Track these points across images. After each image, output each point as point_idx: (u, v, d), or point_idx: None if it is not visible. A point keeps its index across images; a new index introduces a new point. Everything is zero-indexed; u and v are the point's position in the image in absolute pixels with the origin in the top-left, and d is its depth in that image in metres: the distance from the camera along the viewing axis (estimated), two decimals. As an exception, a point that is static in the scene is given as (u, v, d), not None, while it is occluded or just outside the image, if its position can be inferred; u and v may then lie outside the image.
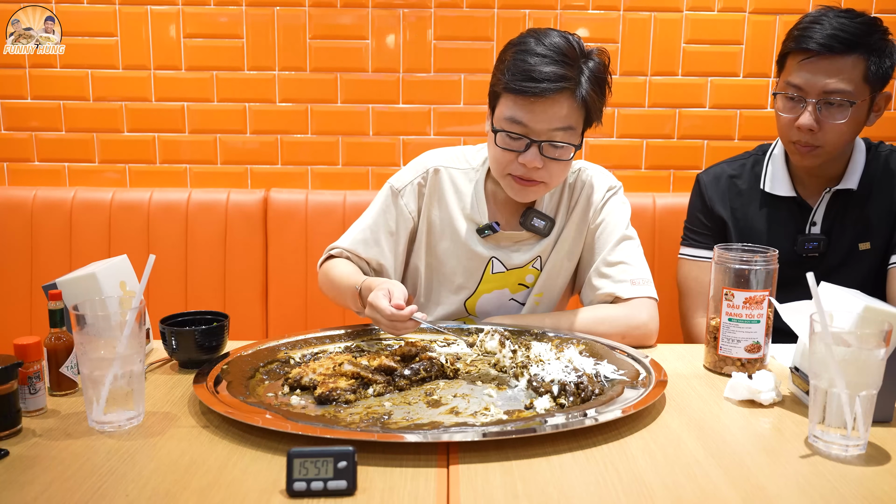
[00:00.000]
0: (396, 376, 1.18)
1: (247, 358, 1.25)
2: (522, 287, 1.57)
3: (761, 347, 1.26)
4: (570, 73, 1.33)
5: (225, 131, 2.31)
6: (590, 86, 1.35)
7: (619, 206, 1.56)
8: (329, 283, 1.52)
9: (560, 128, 1.35)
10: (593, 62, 1.37)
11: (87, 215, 2.16)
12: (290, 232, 2.17)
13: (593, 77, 1.36)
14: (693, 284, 1.76)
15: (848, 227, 1.66)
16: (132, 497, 0.85)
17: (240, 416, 1.00)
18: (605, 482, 0.89)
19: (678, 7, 2.25)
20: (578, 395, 1.10)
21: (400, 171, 1.60)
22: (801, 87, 1.54)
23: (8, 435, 1.00)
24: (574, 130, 1.38)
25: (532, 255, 1.54)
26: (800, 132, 1.56)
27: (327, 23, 2.25)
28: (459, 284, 1.55)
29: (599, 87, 1.37)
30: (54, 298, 1.14)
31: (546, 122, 1.35)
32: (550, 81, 1.31)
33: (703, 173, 1.81)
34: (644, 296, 1.47)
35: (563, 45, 1.34)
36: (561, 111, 1.34)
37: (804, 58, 1.53)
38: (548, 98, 1.32)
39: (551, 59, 1.32)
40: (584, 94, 1.34)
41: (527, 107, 1.34)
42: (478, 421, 1.04)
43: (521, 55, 1.35)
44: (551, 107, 1.34)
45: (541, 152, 1.37)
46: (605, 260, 1.51)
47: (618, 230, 1.52)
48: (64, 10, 2.22)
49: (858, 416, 0.95)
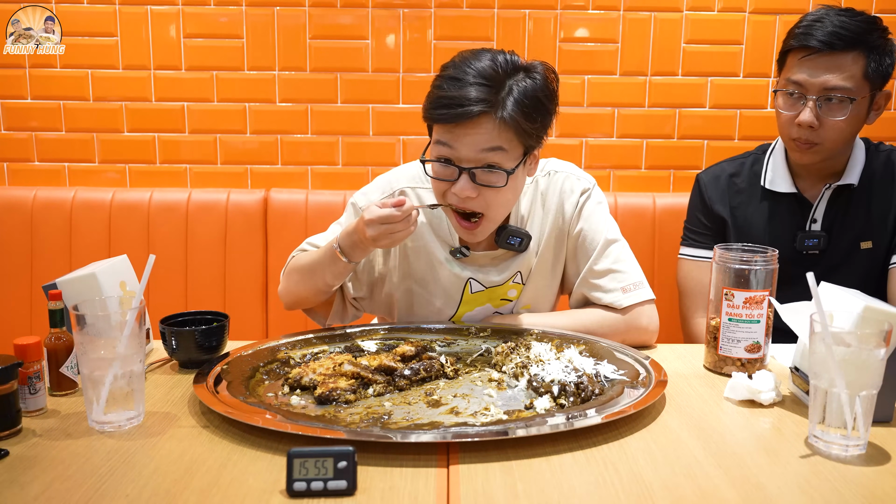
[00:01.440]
0: (396, 376, 1.18)
1: (247, 358, 1.25)
2: (505, 301, 1.51)
3: (761, 347, 1.26)
4: (487, 95, 1.25)
5: (225, 131, 2.31)
6: (515, 106, 1.26)
7: (596, 209, 1.49)
8: (297, 273, 1.46)
9: (486, 149, 1.28)
10: (526, 80, 1.29)
11: (87, 215, 2.16)
12: (290, 232, 2.17)
13: (521, 96, 1.27)
14: (693, 285, 1.76)
15: (849, 225, 1.66)
16: (132, 497, 0.85)
17: (240, 416, 1.00)
18: (605, 482, 0.89)
19: (678, 7, 2.25)
20: (578, 396, 1.10)
21: (364, 189, 1.53)
22: (801, 84, 1.54)
23: (8, 435, 1.00)
24: (505, 151, 1.29)
25: (511, 272, 1.48)
26: (800, 129, 1.56)
27: (327, 23, 2.25)
28: (440, 307, 1.50)
29: (530, 106, 1.28)
30: (54, 298, 1.14)
31: (470, 146, 1.28)
32: (462, 106, 1.25)
33: (702, 173, 1.81)
34: (638, 301, 1.44)
35: (486, 66, 1.27)
36: (483, 135, 1.27)
37: (805, 55, 1.53)
38: (468, 122, 1.26)
39: (467, 83, 1.26)
40: (508, 115, 1.26)
41: (449, 133, 1.29)
42: (478, 421, 1.04)
43: (438, 82, 1.31)
44: (473, 129, 1.27)
45: (473, 180, 1.30)
46: (592, 270, 1.46)
47: (599, 235, 1.47)
48: (64, 10, 2.22)
49: (858, 416, 0.95)
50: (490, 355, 1.31)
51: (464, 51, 1.34)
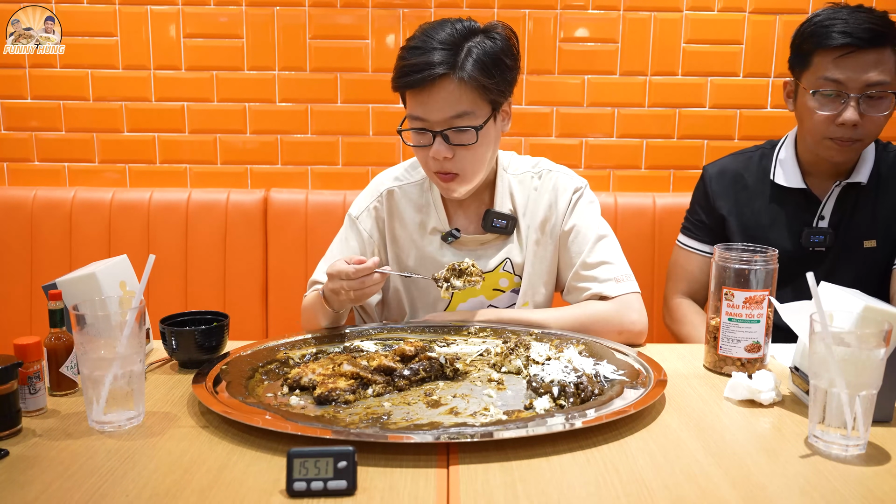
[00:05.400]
0: (396, 376, 1.18)
1: (246, 358, 1.25)
2: (498, 292, 1.56)
3: (761, 347, 1.26)
4: (445, 58, 1.34)
5: (225, 131, 2.31)
6: (475, 65, 1.34)
7: (588, 207, 1.55)
8: (304, 315, 1.54)
9: (454, 115, 1.37)
10: (483, 41, 1.37)
11: (87, 215, 2.16)
12: (290, 232, 2.17)
13: (480, 54, 1.35)
14: (679, 271, 1.83)
15: (855, 224, 1.67)
16: (132, 497, 0.85)
17: (239, 416, 1.00)
18: (605, 482, 0.89)
19: (678, 7, 2.25)
20: (578, 396, 1.09)
21: (357, 198, 1.61)
22: (841, 82, 1.53)
23: (8, 435, 1.00)
24: (472, 114, 1.37)
25: (500, 258, 1.54)
26: (842, 128, 1.55)
27: (327, 23, 2.25)
28: (435, 297, 1.55)
29: (490, 64, 1.36)
30: (54, 298, 1.14)
31: (438, 111, 1.36)
32: (421, 71, 1.33)
33: (709, 166, 1.83)
34: (630, 291, 1.48)
35: (442, 32, 1.36)
36: (448, 97, 1.35)
37: (843, 53, 1.52)
38: (432, 86, 1.34)
39: (424, 50, 1.35)
40: (468, 75, 1.34)
41: (417, 100, 1.38)
42: (477, 421, 1.04)
43: (402, 52, 1.39)
44: (437, 93, 1.35)
45: (447, 141, 1.38)
46: (585, 262, 1.51)
47: (591, 231, 1.52)
48: (64, 10, 2.22)
49: (858, 416, 0.95)
50: (489, 355, 1.31)
51: (425, 22, 1.44)
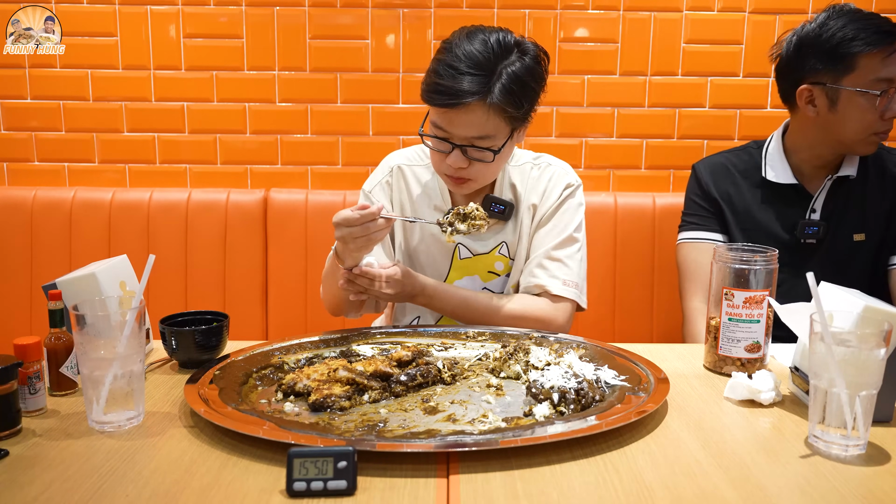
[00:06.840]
0: (392, 382, 1.15)
1: (239, 363, 1.22)
2: (493, 275, 1.60)
3: (761, 347, 1.26)
4: (477, 84, 1.35)
5: (225, 131, 2.31)
6: (504, 93, 1.36)
7: (574, 208, 1.59)
8: (324, 280, 1.58)
9: (477, 136, 1.40)
10: (516, 64, 1.38)
11: (87, 215, 2.16)
12: (290, 232, 2.17)
13: (510, 80, 1.36)
14: (693, 266, 1.76)
15: (846, 217, 1.70)
16: (132, 497, 0.85)
17: (232, 424, 0.97)
18: (606, 482, 0.89)
19: (678, 7, 2.25)
20: (579, 402, 1.07)
21: (370, 176, 1.68)
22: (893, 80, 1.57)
23: (8, 435, 1.00)
24: (492, 138, 1.40)
25: (496, 242, 1.59)
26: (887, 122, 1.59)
27: (327, 23, 2.25)
28: (432, 274, 1.59)
29: (519, 90, 1.38)
30: (54, 298, 1.13)
31: (463, 129, 1.39)
32: (452, 96, 1.35)
33: (698, 163, 1.84)
34: (569, 298, 1.52)
35: (479, 51, 1.36)
36: (475, 120, 1.38)
37: (891, 52, 1.56)
38: (459, 108, 1.36)
39: (457, 72, 1.35)
40: (497, 101, 1.36)
41: (443, 116, 1.40)
42: (475, 429, 1.01)
43: (435, 65, 1.40)
44: (465, 115, 1.38)
45: (464, 154, 1.42)
46: (548, 253, 1.55)
47: (567, 228, 1.56)
48: (64, 10, 2.22)
49: (858, 416, 0.95)
50: (488, 360, 1.28)
51: (462, 28, 1.43)
